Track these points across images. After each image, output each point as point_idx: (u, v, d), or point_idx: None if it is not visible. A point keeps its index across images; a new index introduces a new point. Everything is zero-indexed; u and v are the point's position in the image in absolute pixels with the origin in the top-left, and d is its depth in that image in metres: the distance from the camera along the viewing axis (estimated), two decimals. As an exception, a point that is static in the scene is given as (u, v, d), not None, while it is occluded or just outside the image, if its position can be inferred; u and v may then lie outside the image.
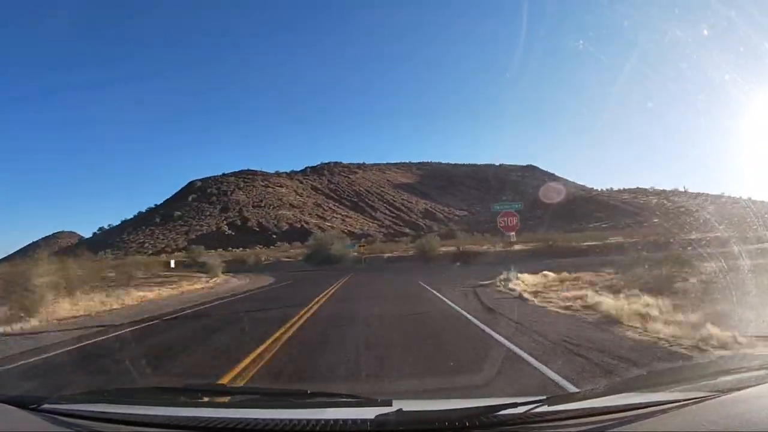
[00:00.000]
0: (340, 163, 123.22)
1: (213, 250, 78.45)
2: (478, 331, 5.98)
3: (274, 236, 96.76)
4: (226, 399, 1.94)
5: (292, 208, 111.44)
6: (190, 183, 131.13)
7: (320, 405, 1.59)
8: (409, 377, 3.90)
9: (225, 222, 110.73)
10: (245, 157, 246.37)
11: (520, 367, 4.03)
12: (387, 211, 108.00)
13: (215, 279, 24.58)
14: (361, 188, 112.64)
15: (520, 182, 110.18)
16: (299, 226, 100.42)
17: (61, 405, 1.57)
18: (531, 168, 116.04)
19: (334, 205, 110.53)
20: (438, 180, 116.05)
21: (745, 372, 1.68)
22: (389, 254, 47.04)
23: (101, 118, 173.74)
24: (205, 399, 1.81)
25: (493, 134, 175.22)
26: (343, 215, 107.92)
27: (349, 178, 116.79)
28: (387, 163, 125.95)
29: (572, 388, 3.33)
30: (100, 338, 7.21)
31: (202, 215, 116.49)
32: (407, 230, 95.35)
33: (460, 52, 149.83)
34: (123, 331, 7.63)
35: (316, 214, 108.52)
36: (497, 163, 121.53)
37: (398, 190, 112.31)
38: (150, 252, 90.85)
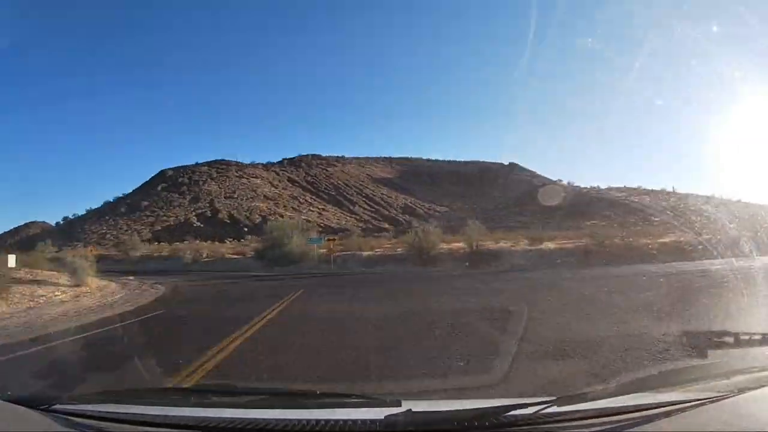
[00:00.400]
0: (319, 155, 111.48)
1: (179, 242, 67.34)
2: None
3: (246, 229, 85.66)
4: (235, 399, 1.76)
5: (267, 200, 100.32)
6: (161, 172, 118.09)
7: (329, 405, 1.52)
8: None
9: (194, 213, 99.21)
10: (221, 147, 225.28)
11: None
12: (366, 206, 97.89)
13: (61, 291, 13.63)
14: (339, 182, 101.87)
15: (503, 180, 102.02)
16: (273, 218, 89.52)
17: (71, 405, 1.50)
18: (513, 166, 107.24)
19: (311, 198, 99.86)
20: (419, 176, 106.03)
21: (758, 371, 1.58)
22: (369, 252, 33.65)
23: (81, 109, 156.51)
24: (215, 399, 1.71)
25: (475, 132, 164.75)
26: (320, 209, 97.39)
27: (327, 171, 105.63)
28: (367, 158, 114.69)
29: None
30: None
31: (171, 206, 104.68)
32: (386, 225, 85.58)
33: (448, 51, 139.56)
34: None
35: (292, 207, 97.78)
36: (479, 160, 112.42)
37: (378, 185, 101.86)
38: (110, 244, 78.57)
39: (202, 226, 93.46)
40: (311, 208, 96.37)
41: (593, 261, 17.88)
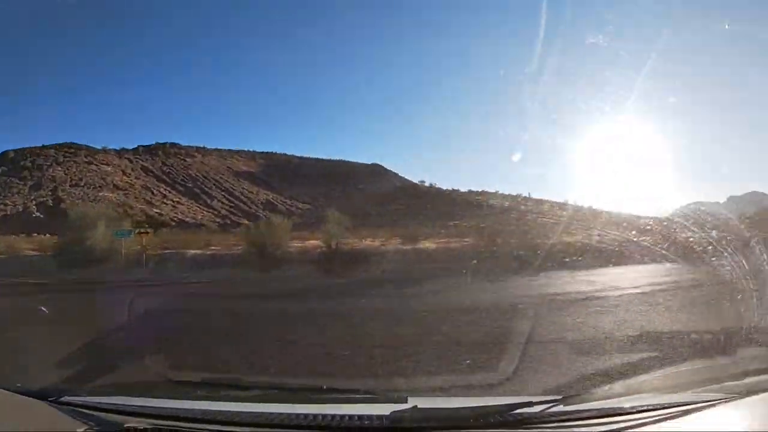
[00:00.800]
0: (178, 144, 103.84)
1: (14, 235, 59.58)
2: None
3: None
4: (243, 393, 1.76)
5: (116, 191, 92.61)
6: (2, 154, 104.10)
7: (336, 400, 1.52)
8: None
9: (34, 202, 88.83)
10: (73, 128, 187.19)
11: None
12: (225, 200, 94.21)
13: None
14: (198, 173, 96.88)
15: (366, 179, 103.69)
16: (122, 210, 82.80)
17: (80, 397, 1.50)
18: (376, 166, 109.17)
19: (166, 190, 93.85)
20: (282, 171, 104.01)
21: (765, 373, 1.55)
22: (197, 251, 23.55)
23: None
24: (222, 393, 1.68)
25: (341, 131, 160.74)
26: (174, 201, 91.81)
27: (185, 161, 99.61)
28: (229, 150, 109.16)
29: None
30: None
31: (9, 192, 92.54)
32: (246, 221, 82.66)
33: (320, 49, 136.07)
34: None
35: (144, 199, 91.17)
36: (344, 159, 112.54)
37: (239, 179, 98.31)
38: None
39: (41, 216, 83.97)
40: (165, 201, 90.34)
41: (508, 265, 11.81)
